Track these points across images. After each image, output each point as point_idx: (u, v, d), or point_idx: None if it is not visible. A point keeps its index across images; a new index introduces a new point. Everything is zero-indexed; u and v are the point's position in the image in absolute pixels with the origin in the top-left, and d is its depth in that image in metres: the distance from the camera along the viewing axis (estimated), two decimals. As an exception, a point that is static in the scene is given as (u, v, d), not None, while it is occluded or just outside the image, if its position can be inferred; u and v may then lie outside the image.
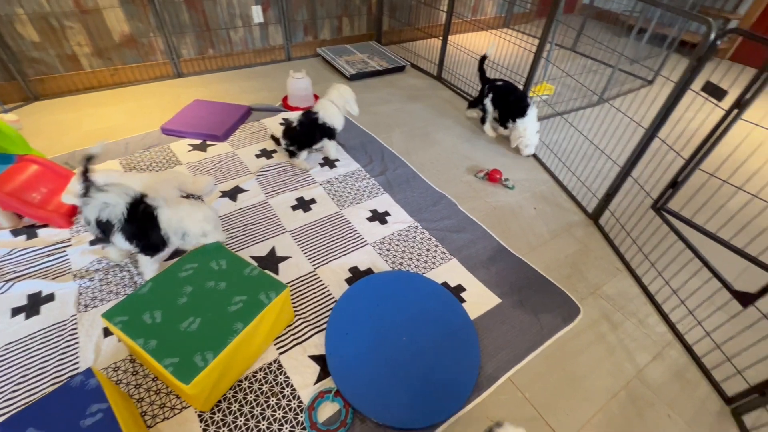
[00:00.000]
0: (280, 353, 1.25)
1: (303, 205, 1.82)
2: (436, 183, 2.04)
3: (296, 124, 1.94)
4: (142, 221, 1.26)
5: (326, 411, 1.12)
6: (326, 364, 1.21)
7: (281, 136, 2.01)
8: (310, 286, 1.47)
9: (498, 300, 1.47)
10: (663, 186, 1.55)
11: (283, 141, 2.00)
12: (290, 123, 1.96)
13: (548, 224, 1.86)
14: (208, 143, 2.17)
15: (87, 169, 1.23)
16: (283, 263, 1.54)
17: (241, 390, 1.16)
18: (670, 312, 1.47)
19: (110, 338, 1.25)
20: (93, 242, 1.54)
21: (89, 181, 1.24)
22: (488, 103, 2.35)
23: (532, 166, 2.25)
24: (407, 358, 1.24)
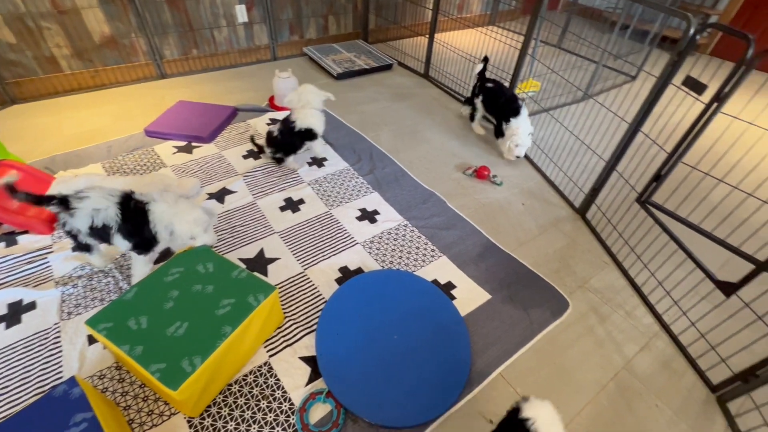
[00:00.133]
0: (270, 356, 1.24)
1: (291, 206, 1.81)
2: (425, 181, 2.04)
3: (276, 134, 1.90)
4: (135, 217, 1.25)
5: (318, 412, 1.11)
6: (317, 365, 1.20)
7: (265, 145, 1.98)
8: (300, 287, 1.45)
9: (488, 296, 1.48)
10: (647, 179, 1.57)
11: (268, 150, 1.97)
12: (271, 133, 1.93)
13: (536, 219, 1.87)
14: (194, 145, 2.14)
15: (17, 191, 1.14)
16: (272, 265, 1.53)
17: (231, 394, 1.14)
18: (656, 303, 1.50)
19: (95, 345, 1.23)
20: (75, 249, 1.50)
21: (62, 195, 1.20)
22: (478, 103, 2.35)
23: (520, 162, 2.26)
24: (398, 357, 1.23)
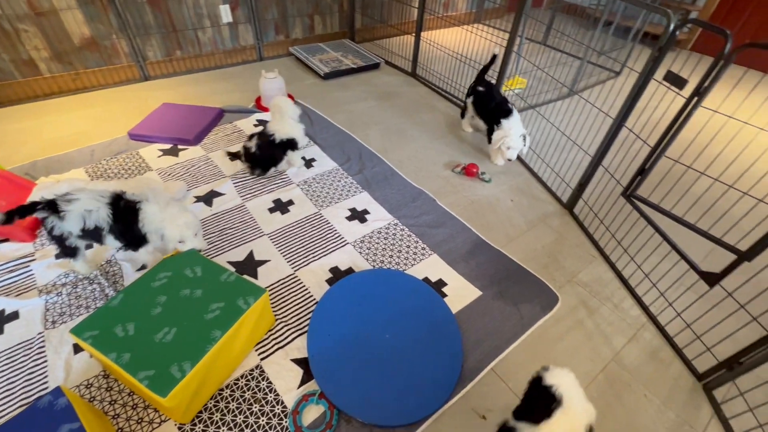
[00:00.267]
0: (262, 359, 1.23)
1: (281, 207, 1.79)
2: (414, 179, 2.04)
3: (255, 149, 1.85)
4: (127, 216, 1.26)
5: (311, 414, 1.11)
6: (309, 367, 1.20)
7: (243, 161, 1.93)
8: (291, 289, 1.44)
9: (479, 293, 1.49)
10: (632, 174, 1.60)
11: (246, 166, 1.92)
12: (248, 149, 1.86)
13: (525, 215, 1.89)
14: (180, 147, 2.11)
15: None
16: (262, 267, 1.52)
17: (223, 399, 1.13)
18: (643, 295, 1.53)
19: (81, 354, 1.20)
20: (59, 255, 1.47)
21: (47, 199, 1.18)
22: (469, 103, 2.35)
23: (508, 159, 2.28)
24: (391, 356, 1.23)
